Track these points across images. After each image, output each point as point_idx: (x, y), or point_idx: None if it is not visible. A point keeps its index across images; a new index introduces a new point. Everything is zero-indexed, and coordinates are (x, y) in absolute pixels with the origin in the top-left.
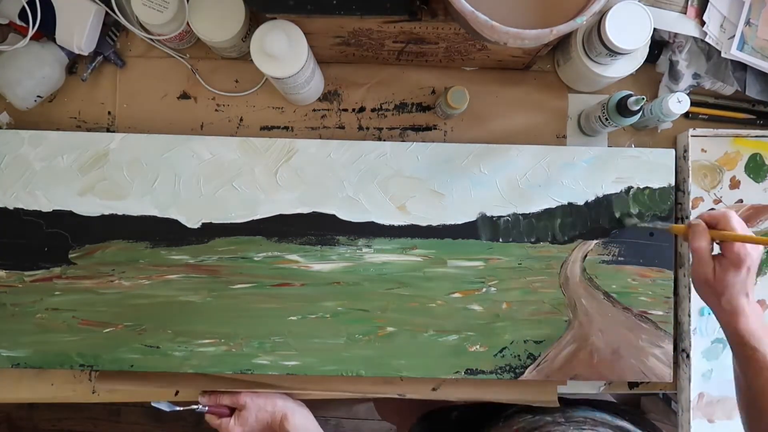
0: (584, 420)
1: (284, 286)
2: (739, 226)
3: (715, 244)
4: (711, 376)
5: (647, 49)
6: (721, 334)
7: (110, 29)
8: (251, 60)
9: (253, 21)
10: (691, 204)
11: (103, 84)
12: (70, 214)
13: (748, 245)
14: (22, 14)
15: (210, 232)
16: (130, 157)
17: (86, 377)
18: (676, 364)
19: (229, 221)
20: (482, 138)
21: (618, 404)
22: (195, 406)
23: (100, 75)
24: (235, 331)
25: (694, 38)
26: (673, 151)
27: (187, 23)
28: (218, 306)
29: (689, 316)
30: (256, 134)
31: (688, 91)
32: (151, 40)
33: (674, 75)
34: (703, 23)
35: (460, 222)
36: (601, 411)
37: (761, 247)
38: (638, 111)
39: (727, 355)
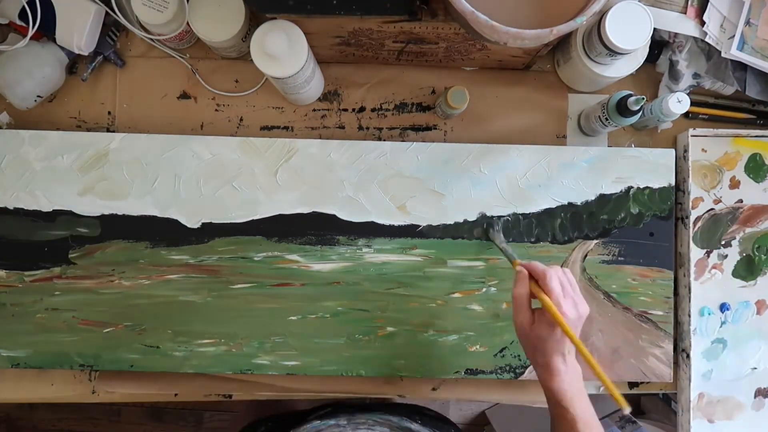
0: (365, 421)
1: (284, 286)
2: (555, 288)
3: None
4: (711, 376)
5: (647, 49)
6: (721, 334)
7: (110, 29)
8: (251, 60)
9: (253, 21)
10: (691, 204)
11: (103, 84)
12: (70, 214)
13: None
14: (22, 14)
15: (210, 232)
16: (130, 157)
17: (86, 377)
18: (676, 364)
19: (229, 221)
20: (482, 138)
21: (423, 408)
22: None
23: (100, 75)
24: (235, 331)
25: (694, 38)
26: (673, 151)
27: (187, 23)
28: (218, 306)
29: (689, 316)
30: (256, 134)
31: (688, 91)
32: (151, 40)
33: (674, 75)
34: (703, 23)
35: (460, 222)
36: (389, 414)
37: (584, 310)
38: (638, 111)
39: (727, 355)
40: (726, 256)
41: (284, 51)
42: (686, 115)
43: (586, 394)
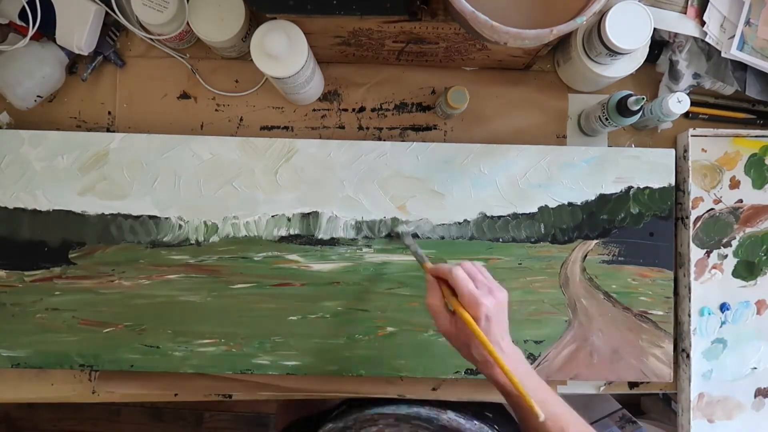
0: (371, 417)
1: (284, 286)
2: (468, 285)
3: None
4: (711, 376)
5: (647, 49)
6: (721, 334)
7: (110, 29)
8: (251, 60)
9: (253, 21)
10: (691, 204)
11: (103, 84)
12: (71, 214)
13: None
14: (22, 14)
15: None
16: (130, 157)
17: (86, 377)
18: (676, 364)
19: (229, 221)
20: (482, 138)
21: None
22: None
23: (100, 75)
24: (235, 331)
25: (694, 38)
26: (673, 151)
27: (187, 23)
28: (218, 306)
29: (689, 316)
30: (256, 134)
31: (688, 91)
32: (151, 40)
33: (674, 75)
34: (703, 23)
35: (460, 222)
36: (412, 405)
37: (502, 295)
38: (638, 111)
39: (727, 355)
40: (726, 256)
41: (284, 51)
42: (686, 115)
43: (534, 373)
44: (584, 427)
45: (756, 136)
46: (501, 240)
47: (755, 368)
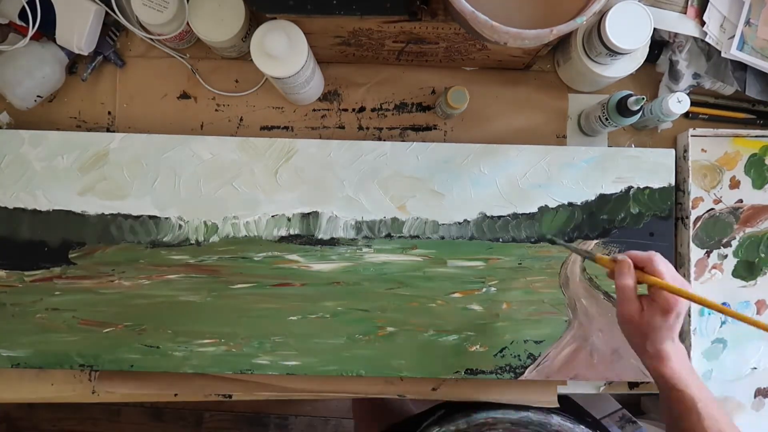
0: (486, 421)
1: (284, 286)
2: (666, 270)
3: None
4: (711, 376)
5: (647, 49)
6: (721, 334)
7: (110, 29)
8: (251, 60)
9: (253, 21)
10: (691, 204)
11: (103, 84)
12: (71, 214)
13: None
14: (22, 14)
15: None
16: (130, 157)
17: (86, 377)
18: None
19: (229, 221)
20: (482, 138)
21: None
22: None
23: (100, 75)
24: (235, 331)
25: (694, 38)
26: (673, 151)
27: (187, 23)
28: (218, 306)
29: (689, 316)
30: (256, 134)
31: (688, 91)
32: (151, 40)
33: (674, 75)
34: (703, 23)
35: (460, 222)
36: (519, 410)
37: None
38: (638, 111)
39: (727, 355)
40: (726, 256)
41: (284, 51)
42: (686, 115)
43: (696, 372)
44: None
45: (756, 136)
46: (501, 240)
47: (755, 368)
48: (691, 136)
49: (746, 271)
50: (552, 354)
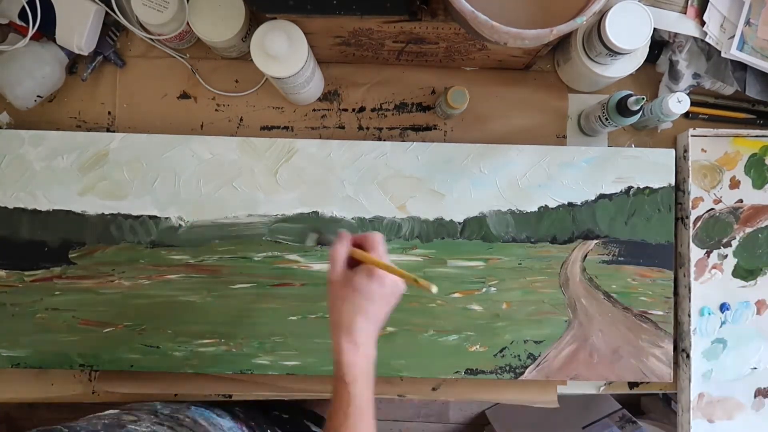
0: None
1: (284, 286)
2: (383, 250)
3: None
4: (711, 376)
5: (647, 49)
6: (721, 334)
7: (110, 29)
8: (251, 60)
9: (253, 21)
10: (691, 204)
11: (103, 84)
12: (71, 213)
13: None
14: (22, 14)
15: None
16: (130, 157)
17: (86, 377)
18: (676, 364)
19: (229, 221)
20: (482, 138)
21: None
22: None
23: (100, 75)
24: (235, 331)
25: (694, 38)
26: (673, 151)
27: (187, 23)
28: (218, 306)
29: (689, 316)
30: (256, 134)
31: (688, 91)
32: (151, 40)
33: (674, 75)
34: (703, 23)
35: (460, 222)
36: None
37: (400, 285)
38: (638, 111)
39: (727, 355)
40: (726, 256)
41: (284, 51)
42: (686, 115)
43: (372, 381)
44: None
45: (756, 136)
46: (501, 240)
47: (755, 368)
48: (691, 136)
49: (746, 271)
50: (552, 354)
